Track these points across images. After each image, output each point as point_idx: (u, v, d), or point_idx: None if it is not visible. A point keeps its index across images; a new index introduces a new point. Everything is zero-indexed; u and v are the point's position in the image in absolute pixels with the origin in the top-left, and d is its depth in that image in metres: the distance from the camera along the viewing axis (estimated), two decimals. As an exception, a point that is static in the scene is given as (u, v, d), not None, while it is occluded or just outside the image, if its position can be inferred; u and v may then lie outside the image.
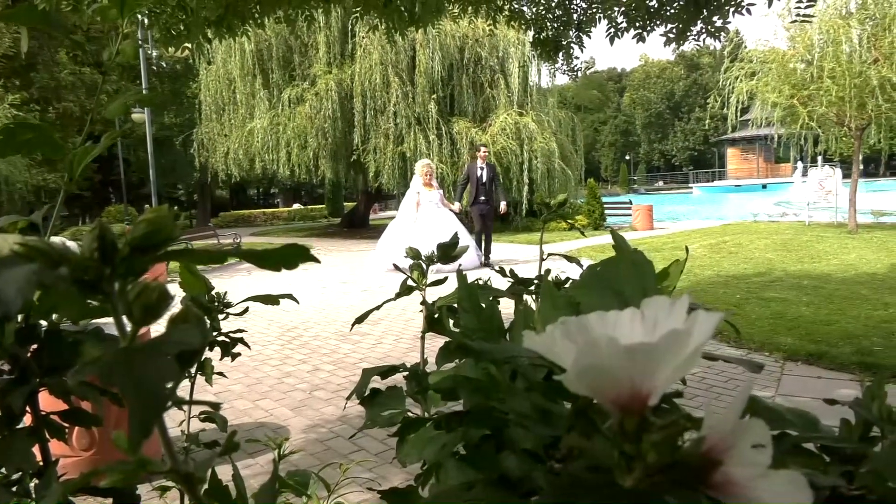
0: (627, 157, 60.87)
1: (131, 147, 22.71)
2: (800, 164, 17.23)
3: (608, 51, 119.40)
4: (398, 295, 0.72)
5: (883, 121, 11.72)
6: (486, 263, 9.74)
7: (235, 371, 4.87)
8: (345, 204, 31.18)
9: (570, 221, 0.92)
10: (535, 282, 0.76)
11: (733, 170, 45.29)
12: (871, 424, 0.37)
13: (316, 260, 0.33)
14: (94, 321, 0.47)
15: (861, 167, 13.61)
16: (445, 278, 0.79)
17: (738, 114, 14.08)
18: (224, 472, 0.64)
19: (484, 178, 10.21)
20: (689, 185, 47.97)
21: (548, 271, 0.78)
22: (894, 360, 4.25)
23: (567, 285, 0.64)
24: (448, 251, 0.68)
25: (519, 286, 0.55)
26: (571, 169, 17.49)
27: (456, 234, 0.75)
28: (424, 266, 0.71)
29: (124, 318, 0.29)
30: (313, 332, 6.10)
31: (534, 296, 0.73)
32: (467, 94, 16.45)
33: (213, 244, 12.71)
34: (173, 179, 28.73)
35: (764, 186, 36.38)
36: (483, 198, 10.19)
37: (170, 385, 0.23)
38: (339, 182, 21.81)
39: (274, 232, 23.85)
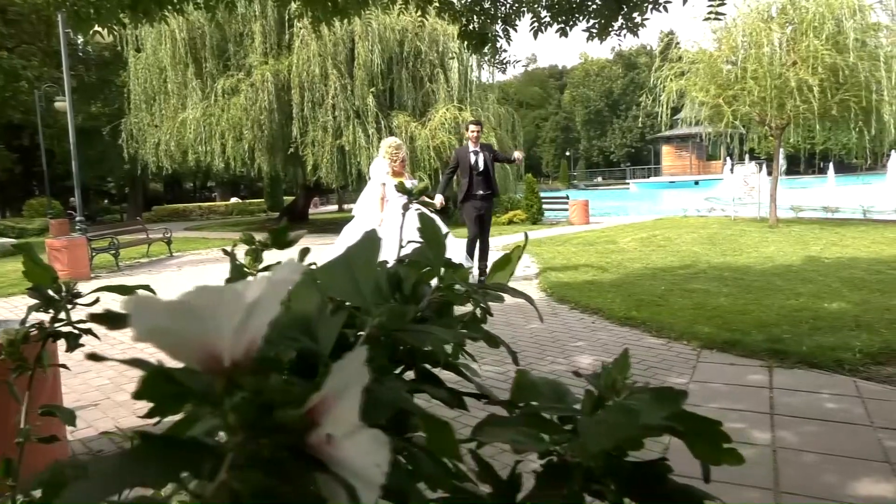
0: (568, 154, 62.06)
1: (55, 137, 21.57)
2: (729, 161, 17.95)
3: (550, 48, 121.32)
4: (228, 281, 0.71)
5: (801, 121, 12.35)
6: (482, 279, 7.66)
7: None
8: (284, 198, 30.63)
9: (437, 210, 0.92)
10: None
11: (668, 166, 46.86)
12: (603, 396, 0.39)
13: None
14: None
15: (784, 165, 14.29)
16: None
17: (671, 112, 14.56)
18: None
19: (481, 166, 7.56)
20: (627, 181, 49.35)
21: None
22: (801, 346, 4.48)
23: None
24: (280, 236, 0.67)
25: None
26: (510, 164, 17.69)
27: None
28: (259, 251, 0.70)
29: None
30: (242, 327, 5.96)
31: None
32: (407, 88, 16.39)
33: (142, 239, 12.25)
34: (102, 172, 27.51)
35: (696, 183, 37.76)
36: (480, 191, 7.52)
37: None
38: (278, 175, 21.37)
39: (209, 227, 23.20)
